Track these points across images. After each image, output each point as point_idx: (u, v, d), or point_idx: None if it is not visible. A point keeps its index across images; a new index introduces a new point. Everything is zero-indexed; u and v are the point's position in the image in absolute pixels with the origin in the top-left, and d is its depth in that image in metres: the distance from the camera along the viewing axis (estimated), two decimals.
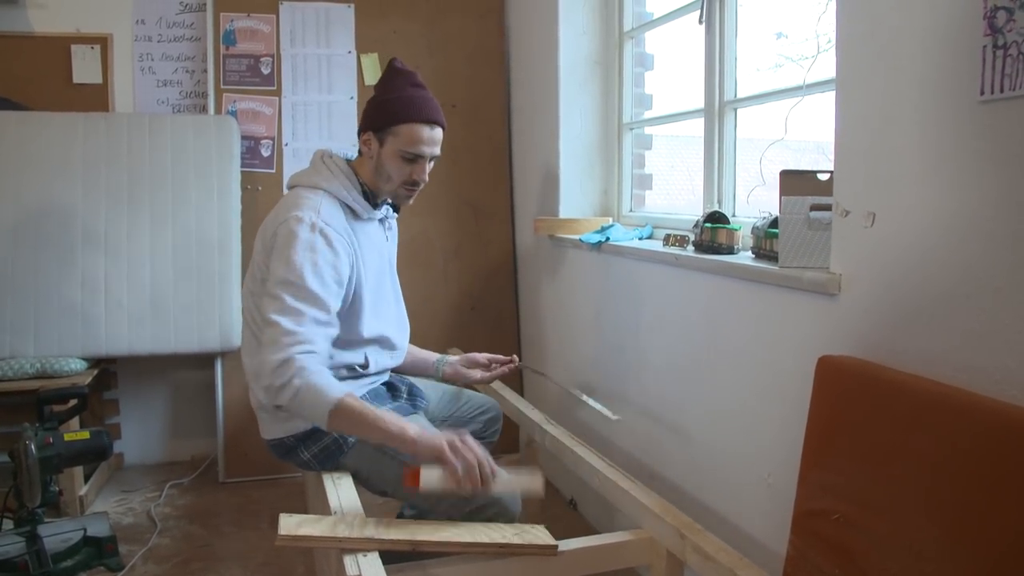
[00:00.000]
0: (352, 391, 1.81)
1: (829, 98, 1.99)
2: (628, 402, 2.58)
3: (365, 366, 2.04)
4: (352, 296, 1.98)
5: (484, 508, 1.82)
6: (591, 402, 1.72)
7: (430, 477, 1.72)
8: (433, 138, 2.01)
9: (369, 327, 2.03)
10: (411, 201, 2.10)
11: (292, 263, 1.83)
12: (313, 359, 1.77)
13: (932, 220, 1.40)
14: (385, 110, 1.99)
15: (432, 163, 2.06)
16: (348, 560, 1.52)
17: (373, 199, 2.07)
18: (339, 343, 1.95)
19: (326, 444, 1.99)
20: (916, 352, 1.44)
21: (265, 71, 3.45)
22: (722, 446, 2.06)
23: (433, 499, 1.81)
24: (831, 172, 1.69)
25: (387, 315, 2.13)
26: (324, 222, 1.89)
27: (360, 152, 2.08)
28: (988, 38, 1.26)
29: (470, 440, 1.72)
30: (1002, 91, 1.24)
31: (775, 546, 1.79)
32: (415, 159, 1.99)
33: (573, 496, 3.11)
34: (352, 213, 2.02)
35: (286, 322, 1.78)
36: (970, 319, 1.33)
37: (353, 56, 3.54)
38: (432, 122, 2.00)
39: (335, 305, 1.88)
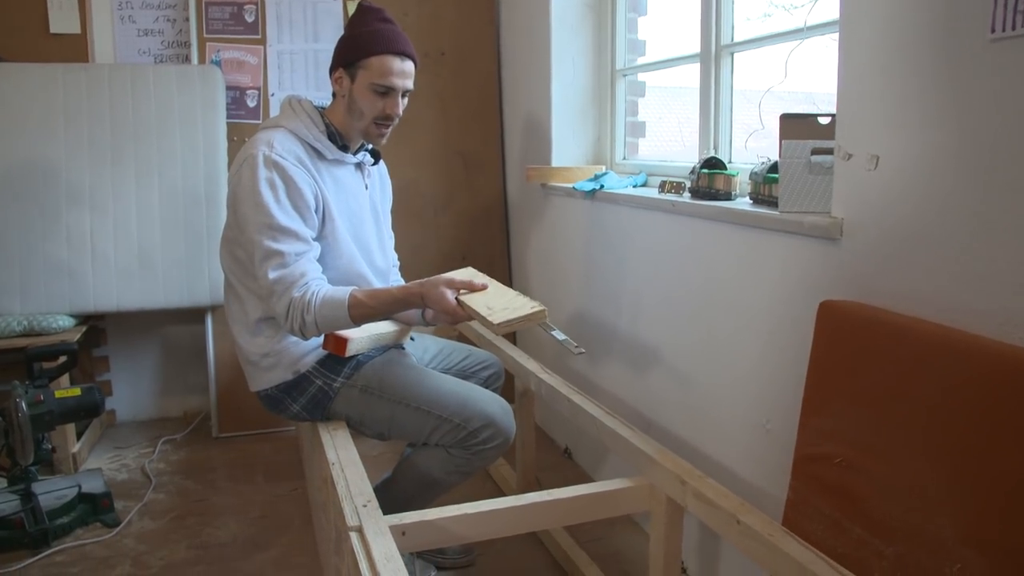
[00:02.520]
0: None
1: (823, 44, 1.96)
2: (624, 350, 2.58)
3: None
4: (323, 224, 1.99)
5: (479, 431, 1.89)
6: (555, 334, 1.78)
7: (358, 343, 1.98)
8: (404, 70, 1.99)
9: (343, 269, 2.04)
10: (384, 140, 2.07)
11: (260, 204, 1.87)
12: (308, 289, 1.86)
13: (938, 162, 1.38)
14: (354, 44, 1.98)
15: (405, 99, 2.04)
16: (348, 510, 1.51)
17: (342, 141, 2.06)
18: None
19: (312, 393, 2.00)
20: (919, 296, 1.43)
21: (249, 19, 3.37)
22: (720, 393, 2.06)
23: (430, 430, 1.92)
24: (832, 115, 1.66)
25: (367, 261, 2.11)
26: (277, 154, 1.91)
27: (333, 95, 2.07)
28: None
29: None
30: (1014, 28, 1.21)
31: (774, 491, 1.80)
32: (387, 92, 1.98)
33: (568, 445, 3.12)
34: (316, 153, 2.02)
35: (273, 273, 1.86)
36: (975, 262, 1.32)
37: (339, 3, 3.45)
38: (403, 54, 1.98)
39: (309, 229, 1.93)
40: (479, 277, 1.93)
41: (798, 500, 1.56)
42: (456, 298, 1.84)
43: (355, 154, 2.11)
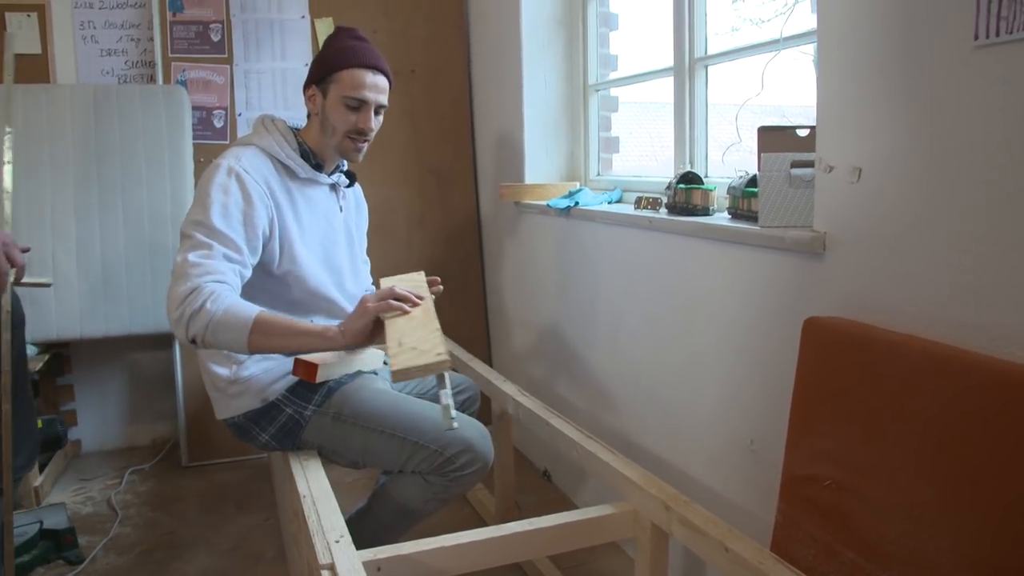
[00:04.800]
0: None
1: (792, 56, 1.94)
2: (603, 370, 2.53)
3: None
4: (281, 253, 1.92)
5: (457, 456, 1.82)
6: (444, 394, 1.64)
7: (329, 369, 1.90)
8: (377, 84, 1.96)
9: (309, 292, 1.99)
10: (360, 156, 2.02)
11: (204, 204, 1.81)
12: (224, 287, 1.73)
13: (922, 173, 1.34)
14: (326, 61, 1.97)
15: (380, 117, 2.02)
16: (319, 546, 1.45)
17: (316, 160, 2.02)
18: (283, 306, 1.91)
19: (282, 423, 1.93)
20: (907, 310, 1.39)
21: (215, 38, 3.30)
22: (703, 413, 2.01)
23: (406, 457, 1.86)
24: (811, 127, 1.63)
25: (337, 285, 2.07)
26: (243, 168, 1.87)
27: (308, 116, 2.04)
28: None
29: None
30: (998, 35, 1.18)
31: (761, 513, 1.75)
32: (359, 105, 1.95)
33: (547, 467, 3.06)
34: (288, 172, 1.97)
35: (194, 256, 1.75)
36: (964, 274, 1.28)
37: (307, 21, 3.40)
38: (374, 67, 1.96)
39: (247, 247, 1.83)
40: (422, 288, 1.89)
41: (787, 524, 1.51)
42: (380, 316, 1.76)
43: (330, 175, 2.06)
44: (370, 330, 1.75)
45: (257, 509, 2.80)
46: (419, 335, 1.67)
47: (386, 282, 1.99)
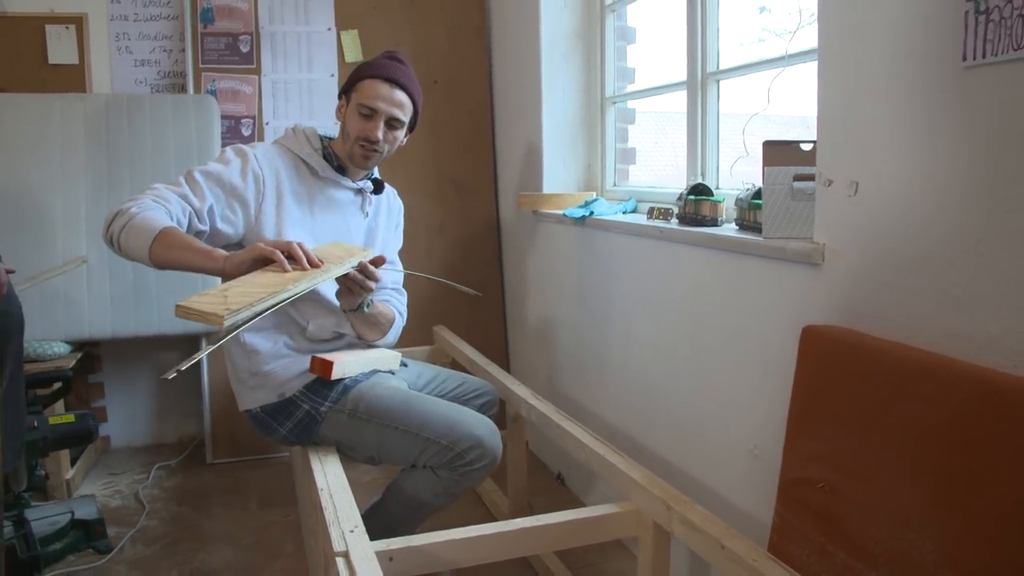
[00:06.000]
0: None
1: (812, 69, 1.99)
2: (614, 375, 2.59)
3: (305, 331, 2.06)
4: (263, 231, 1.98)
5: (467, 452, 1.88)
6: (456, 285, 1.76)
7: (344, 367, 1.94)
8: (393, 98, 2.03)
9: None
10: (369, 163, 2.10)
11: (203, 163, 1.97)
12: (158, 205, 1.79)
13: (915, 188, 1.40)
14: (355, 73, 2.09)
15: (398, 133, 2.08)
16: (335, 535, 1.52)
17: (338, 163, 2.11)
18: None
19: (299, 418, 2.02)
20: (900, 320, 1.44)
21: (244, 49, 3.41)
22: (707, 417, 2.07)
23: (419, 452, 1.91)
24: (814, 142, 1.69)
25: None
26: (252, 150, 2.00)
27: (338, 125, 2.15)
28: (970, 3, 1.25)
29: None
30: (984, 56, 1.24)
31: (761, 516, 1.80)
32: (371, 115, 2.03)
33: (560, 471, 3.12)
34: (310, 169, 2.08)
35: (160, 185, 1.87)
36: (954, 286, 1.34)
37: (333, 33, 3.50)
38: (393, 81, 2.03)
39: (213, 205, 1.90)
40: (343, 264, 1.84)
41: (783, 525, 1.57)
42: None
43: (356, 181, 2.15)
44: (247, 267, 1.70)
45: (278, 505, 2.88)
46: (249, 291, 1.60)
47: (331, 246, 1.96)
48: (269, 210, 1.99)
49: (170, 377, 1.49)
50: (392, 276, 2.30)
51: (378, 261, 1.94)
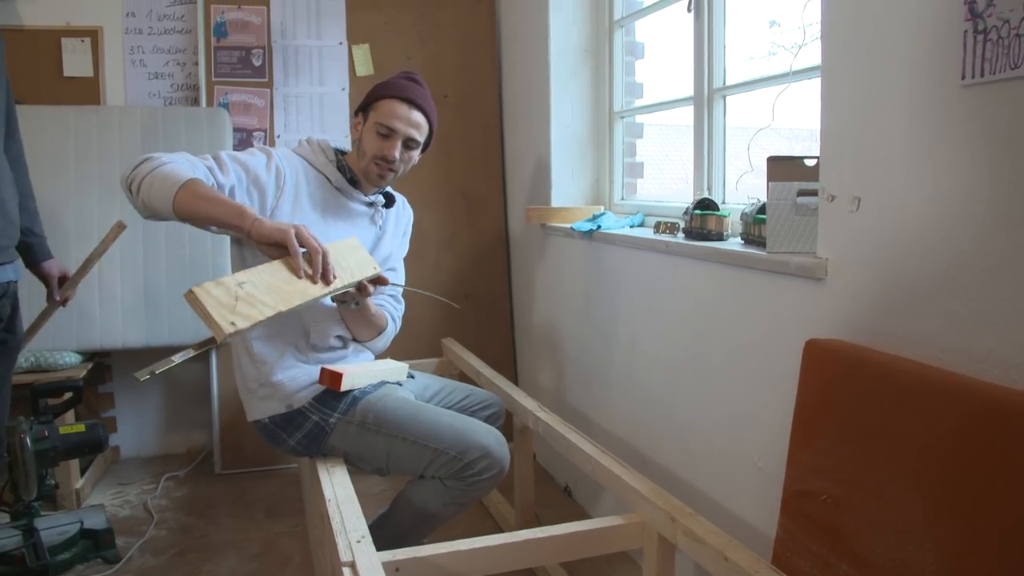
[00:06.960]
0: None
1: (818, 85, 2.00)
2: (621, 388, 2.60)
3: (309, 337, 2.08)
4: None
5: (475, 462, 1.90)
6: (434, 295, 1.81)
7: (354, 378, 1.95)
8: (411, 119, 2.07)
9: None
10: (384, 182, 2.13)
11: (234, 153, 2.00)
12: (184, 161, 1.84)
13: (916, 204, 1.41)
14: (373, 92, 2.12)
15: (414, 153, 2.12)
16: (342, 545, 1.54)
17: (351, 175, 2.14)
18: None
19: (308, 429, 2.03)
20: (902, 334, 1.46)
21: (256, 63, 3.45)
22: (712, 430, 2.08)
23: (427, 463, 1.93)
24: (817, 158, 1.70)
25: None
26: (275, 152, 2.04)
27: (352, 143, 2.18)
28: (969, 23, 1.27)
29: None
30: (983, 75, 1.25)
31: (765, 528, 1.81)
32: (389, 134, 2.05)
33: (568, 483, 3.13)
34: (325, 179, 2.11)
35: (187, 153, 1.91)
36: (954, 301, 1.35)
37: (345, 47, 3.54)
38: (411, 102, 2.06)
39: (233, 183, 1.92)
40: (345, 264, 1.86)
41: (787, 537, 1.58)
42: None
43: (367, 195, 2.18)
44: (274, 240, 1.72)
45: (286, 516, 2.90)
46: (258, 298, 1.62)
47: (349, 242, 1.97)
48: (286, 207, 2.01)
49: (142, 379, 1.53)
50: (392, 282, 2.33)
51: (381, 282, 1.98)
